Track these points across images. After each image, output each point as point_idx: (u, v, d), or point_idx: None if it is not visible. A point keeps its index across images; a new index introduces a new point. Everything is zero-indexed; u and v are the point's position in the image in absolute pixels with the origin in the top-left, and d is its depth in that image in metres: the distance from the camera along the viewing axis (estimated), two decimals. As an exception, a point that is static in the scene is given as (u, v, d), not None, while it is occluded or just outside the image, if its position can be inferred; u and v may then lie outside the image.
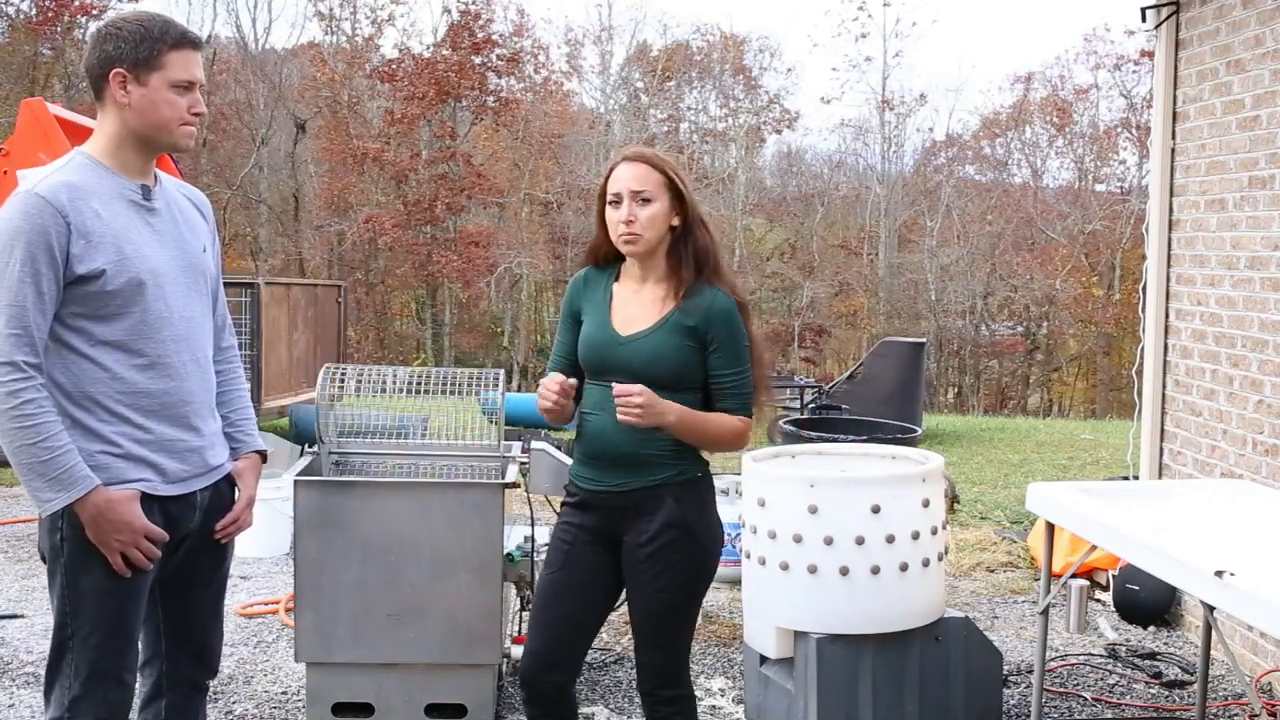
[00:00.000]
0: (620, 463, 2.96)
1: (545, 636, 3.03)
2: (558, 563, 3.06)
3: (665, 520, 2.95)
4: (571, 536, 3.06)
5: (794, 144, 35.15)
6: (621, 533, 3.01)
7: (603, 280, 3.09)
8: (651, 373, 2.91)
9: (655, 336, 2.95)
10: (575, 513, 3.08)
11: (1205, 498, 3.94)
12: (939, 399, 27.27)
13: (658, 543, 2.95)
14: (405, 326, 30.81)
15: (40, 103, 6.95)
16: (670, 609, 3.01)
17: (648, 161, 2.95)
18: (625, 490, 2.97)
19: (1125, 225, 27.16)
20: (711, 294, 2.96)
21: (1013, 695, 4.53)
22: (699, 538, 3.00)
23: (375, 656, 4.09)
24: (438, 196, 26.90)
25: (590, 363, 3.02)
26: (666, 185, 2.94)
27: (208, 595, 2.88)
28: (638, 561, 2.99)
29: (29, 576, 6.15)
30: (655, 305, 2.99)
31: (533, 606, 3.13)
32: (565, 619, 3.04)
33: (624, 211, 2.93)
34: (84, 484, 2.52)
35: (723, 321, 2.94)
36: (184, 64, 2.63)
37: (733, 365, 2.96)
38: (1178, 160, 5.38)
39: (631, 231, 2.93)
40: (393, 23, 34.49)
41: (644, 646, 3.06)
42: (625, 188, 2.93)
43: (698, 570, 3.01)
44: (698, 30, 36.80)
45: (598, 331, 3.01)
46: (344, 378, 4.60)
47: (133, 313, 2.60)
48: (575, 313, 3.10)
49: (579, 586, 3.04)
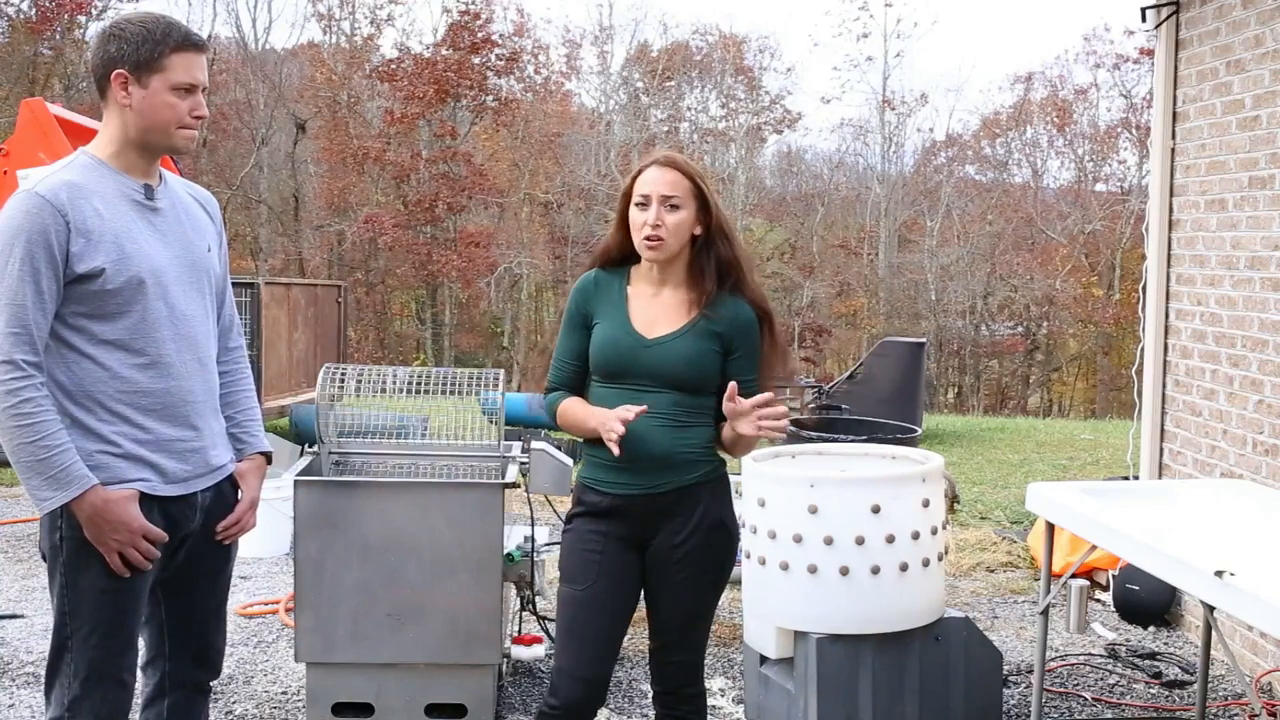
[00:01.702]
0: (656, 464, 2.94)
1: (585, 658, 2.95)
2: (589, 577, 2.97)
3: (701, 518, 2.96)
4: (600, 546, 2.98)
5: (794, 144, 35.22)
6: (652, 535, 2.99)
7: (614, 282, 3.05)
8: (680, 375, 2.92)
9: (684, 340, 2.95)
10: (600, 520, 3.00)
11: (1205, 498, 3.94)
12: (939, 399, 27.27)
13: (696, 542, 2.96)
14: (405, 326, 30.81)
15: (40, 103, 6.95)
16: (702, 607, 3.04)
17: (679, 168, 2.95)
18: (661, 492, 2.95)
19: (1125, 225, 27.17)
20: (736, 304, 2.98)
21: (1013, 695, 4.53)
22: (732, 533, 3.05)
23: (375, 656, 4.09)
24: (438, 196, 26.91)
25: (611, 365, 2.97)
26: (695, 194, 2.94)
27: (211, 596, 2.88)
28: (674, 562, 2.98)
29: (29, 576, 6.16)
30: (678, 310, 2.98)
31: (565, 621, 2.99)
32: (602, 640, 2.98)
33: (652, 215, 2.92)
34: (81, 483, 2.52)
35: (747, 333, 2.99)
36: (186, 67, 2.62)
37: (751, 373, 2.99)
38: (1178, 160, 5.38)
39: (657, 235, 2.92)
40: (392, 23, 34.56)
41: (672, 646, 3.05)
42: (655, 191, 2.92)
43: (728, 566, 3.06)
44: (697, 30, 36.84)
45: (620, 334, 2.97)
46: (344, 378, 4.60)
47: (133, 311, 2.60)
48: (585, 316, 3.04)
49: (611, 602, 2.99)
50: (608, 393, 2.97)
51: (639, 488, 2.95)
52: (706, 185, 2.97)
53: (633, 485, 2.96)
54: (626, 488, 2.97)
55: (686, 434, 2.94)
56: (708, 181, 3.00)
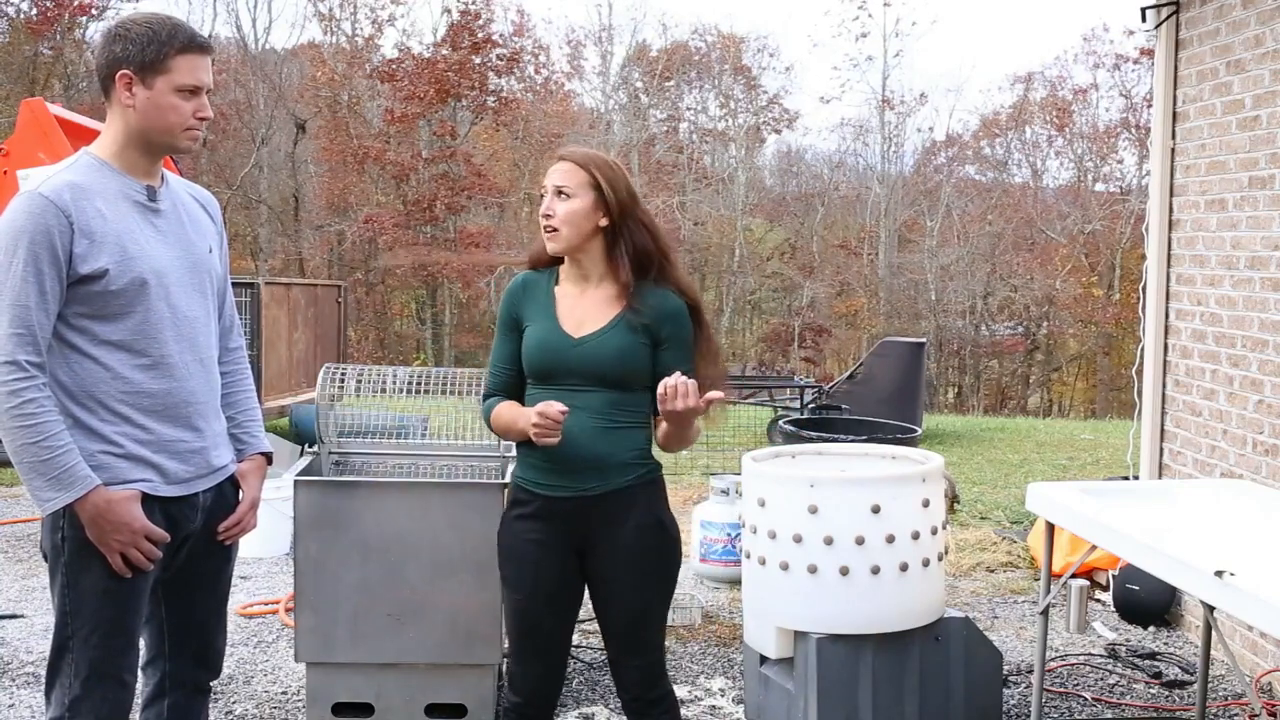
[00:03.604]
0: (590, 466, 2.91)
1: (536, 667, 3.01)
2: (528, 585, 2.98)
3: (639, 521, 2.94)
4: (534, 554, 2.98)
5: (794, 144, 35.23)
6: (588, 538, 2.96)
7: (542, 284, 3.06)
8: (606, 372, 2.90)
9: (608, 336, 2.93)
10: (534, 525, 2.98)
11: (1205, 498, 3.94)
12: (939, 399, 27.26)
13: (635, 545, 2.94)
14: (405, 326, 30.81)
15: (40, 103, 6.95)
16: (652, 609, 3.02)
17: (572, 160, 2.98)
18: (596, 494, 2.93)
19: (1125, 225, 27.16)
20: (662, 295, 2.97)
21: (1013, 695, 4.53)
22: (671, 533, 3.02)
23: (375, 656, 4.09)
24: (438, 196, 26.90)
25: (541, 367, 2.96)
26: (590, 184, 2.94)
27: (211, 596, 2.88)
28: (615, 567, 2.96)
29: (29, 576, 6.16)
30: (604, 306, 2.97)
31: (512, 630, 3.04)
32: (550, 646, 3.02)
33: (545, 204, 2.97)
34: (84, 484, 2.52)
35: (674, 321, 2.96)
36: (190, 68, 2.62)
37: (684, 364, 2.94)
38: (1178, 160, 5.39)
39: (550, 225, 2.95)
40: (393, 23, 34.53)
41: (628, 651, 3.02)
42: (549, 183, 2.98)
43: (672, 564, 3.03)
44: (696, 30, 36.84)
45: (547, 335, 2.97)
46: (344, 378, 4.60)
47: (136, 312, 2.60)
48: (515, 320, 3.05)
49: (553, 607, 3.00)
50: (541, 394, 2.95)
51: (570, 490, 2.94)
52: (602, 175, 2.94)
53: (564, 487, 2.94)
54: (557, 490, 2.95)
55: (619, 435, 2.92)
56: (606, 171, 2.95)
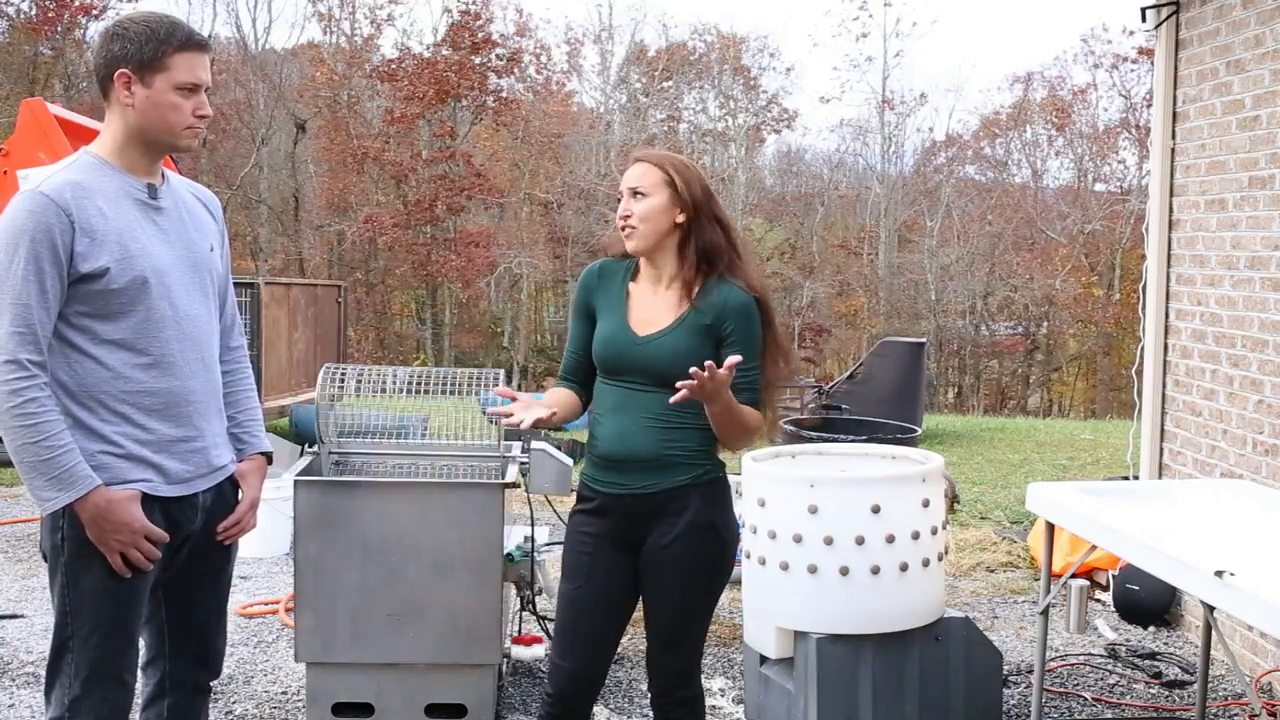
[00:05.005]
0: (646, 464, 2.95)
1: (578, 656, 3.02)
2: (581, 576, 3.03)
3: (691, 520, 2.95)
4: (591, 546, 3.03)
5: (794, 144, 35.25)
6: (643, 535, 3.00)
7: (618, 276, 3.10)
8: (664, 372, 2.91)
9: (672, 337, 2.96)
10: (592, 520, 3.05)
11: (1205, 498, 3.94)
12: (939, 399, 27.27)
13: (684, 544, 2.96)
14: (405, 326, 30.81)
15: (40, 103, 6.94)
16: (693, 610, 3.03)
17: (646, 160, 3.04)
18: (650, 492, 2.96)
19: (1125, 225, 27.16)
20: (726, 289, 2.97)
21: (1013, 695, 4.53)
22: (724, 537, 3.02)
23: (375, 656, 4.09)
24: (438, 196, 26.90)
25: (607, 362, 3.02)
26: (665, 182, 2.99)
27: (211, 597, 2.88)
28: (662, 564, 2.98)
29: (29, 576, 6.16)
30: (671, 306, 3.00)
31: (559, 620, 3.08)
32: (595, 638, 3.04)
33: (622, 206, 3.02)
34: (85, 483, 2.52)
35: (738, 316, 2.96)
36: (189, 67, 2.62)
37: (748, 360, 2.95)
38: (1178, 160, 5.39)
39: (628, 224, 3.00)
40: (392, 23, 34.54)
41: (663, 649, 3.05)
42: (625, 185, 3.03)
43: (721, 570, 3.04)
44: (696, 30, 36.85)
45: (615, 332, 3.02)
46: (344, 378, 4.60)
47: (137, 311, 2.60)
48: (589, 307, 3.10)
49: (604, 600, 3.03)
50: (606, 387, 3.04)
51: (627, 488, 2.98)
52: (677, 173, 2.99)
53: (621, 485, 2.98)
54: (615, 487, 2.99)
55: (676, 435, 2.94)
56: (680, 170, 3.01)
